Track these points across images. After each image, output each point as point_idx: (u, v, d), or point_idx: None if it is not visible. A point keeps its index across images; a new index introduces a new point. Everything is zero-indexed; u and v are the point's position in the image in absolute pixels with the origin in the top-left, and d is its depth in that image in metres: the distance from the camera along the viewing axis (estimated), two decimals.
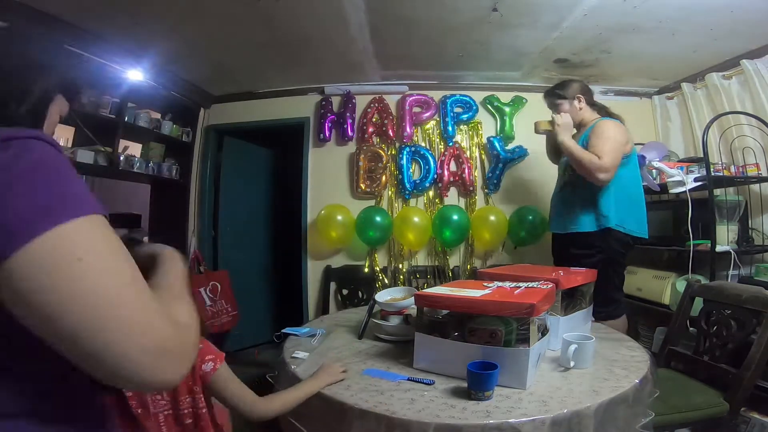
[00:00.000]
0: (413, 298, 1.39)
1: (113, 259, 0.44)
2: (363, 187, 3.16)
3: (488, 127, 3.19)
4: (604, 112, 2.10)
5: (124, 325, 0.42)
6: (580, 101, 2.07)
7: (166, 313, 0.47)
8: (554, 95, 2.12)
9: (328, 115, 3.25)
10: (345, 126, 3.20)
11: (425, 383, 1.17)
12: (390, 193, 3.19)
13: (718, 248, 2.18)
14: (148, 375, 0.43)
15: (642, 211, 2.04)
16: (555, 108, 2.13)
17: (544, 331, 1.37)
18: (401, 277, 3.11)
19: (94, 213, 0.44)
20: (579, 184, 2.00)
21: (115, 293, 0.43)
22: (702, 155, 2.28)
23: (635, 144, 2.94)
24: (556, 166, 3.13)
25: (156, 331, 0.44)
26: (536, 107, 3.16)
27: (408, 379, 1.20)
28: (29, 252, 0.39)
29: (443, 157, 3.11)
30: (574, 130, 2.08)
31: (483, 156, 3.18)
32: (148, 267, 0.60)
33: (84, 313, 0.41)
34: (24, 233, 0.40)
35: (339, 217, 3.02)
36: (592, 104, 2.11)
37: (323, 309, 3.15)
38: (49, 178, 0.43)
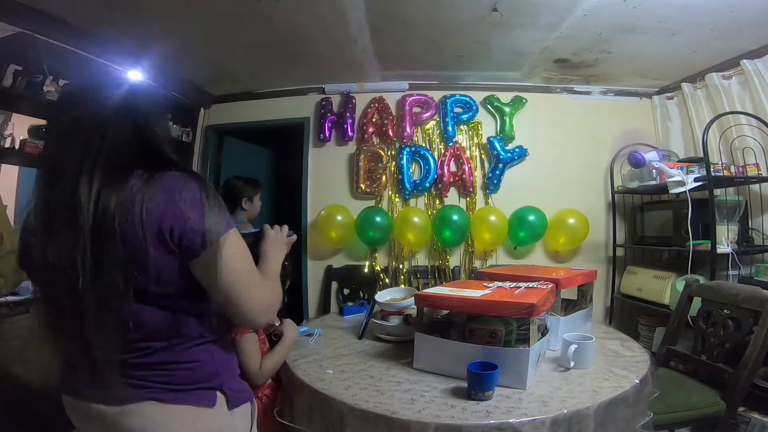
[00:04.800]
0: (413, 298, 1.39)
1: (246, 254, 0.81)
2: (363, 188, 3.16)
3: (488, 127, 3.19)
4: None
5: (250, 290, 0.78)
6: None
7: (269, 285, 0.86)
8: None
9: (328, 115, 3.25)
10: (345, 126, 3.20)
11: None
12: (390, 193, 3.19)
13: (718, 248, 2.18)
14: (258, 318, 0.82)
15: None
16: None
17: (544, 331, 1.38)
18: (402, 277, 3.11)
19: (235, 227, 0.79)
20: None
21: (248, 274, 0.79)
22: (702, 155, 2.28)
23: (635, 144, 2.97)
24: (556, 166, 3.15)
25: (264, 296, 0.82)
26: (536, 107, 3.18)
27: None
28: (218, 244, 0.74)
29: (443, 158, 3.11)
30: None
31: (483, 156, 3.17)
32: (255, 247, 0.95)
33: (234, 282, 0.76)
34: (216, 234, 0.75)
35: (339, 218, 3.02)
36: None
37: (324, 308, 3.15)
38: (221, 204, 0.78)
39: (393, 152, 3.18)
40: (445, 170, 3.10)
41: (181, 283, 0.75)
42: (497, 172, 3.08)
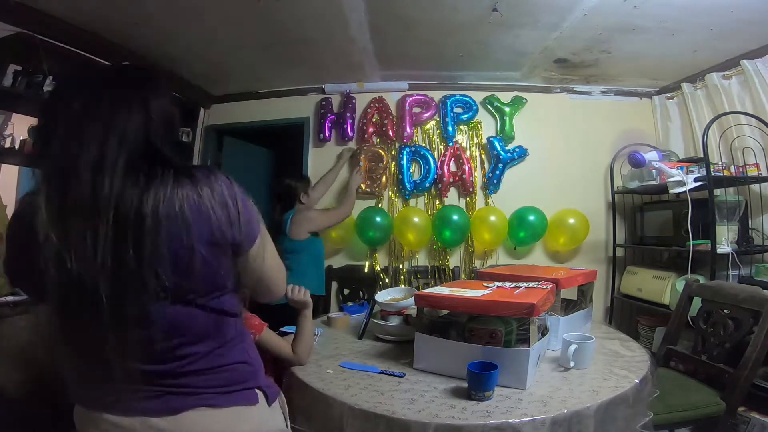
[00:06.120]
0: (413, 298, 1.39)
1: (273, 245, 0.86)
2: (363, 187, 3.16)
3: (488, 127, 3.19)
4: None
5: (279, 274, 0.90)
6: None
7: (283, 269, 0.93)
8: None
9: (328, 115, 3.25)
10: (345, 126, 3.20)
11: (397, 375, 1.21)
12: (390, 193, 3.19)
13: (718, 248, 2.18)
14: (281, 293, 0.93)
15: None
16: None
17: (544, 331, 1.38)
18: (402, 277, 3.11)
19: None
20: None
21: (277, 261, 0.88)
22: (702, 155, 2.28)
23: (635, 144, 2.97)
24: (556, 166, 3.15)
25: (283, 276, 0.92)
26: (536, 107, 3.17)
27: (380, 372, 1.26)
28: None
29: (443, 158, 3.11)
30: None
31: (483, 156, 3.17)
32: None
33: (269, 269, 0.84)
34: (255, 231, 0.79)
35: None
36: None
37: (324, 309, 3.15)
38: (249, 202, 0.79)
39: (393, 152, 3.19)
40: (445, 170, 3.10)
41: (229, 281, 0.76)
42: (497, 172, 3.08)
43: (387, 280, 3.08)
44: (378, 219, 2.98)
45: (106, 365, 0.67)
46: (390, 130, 3.15)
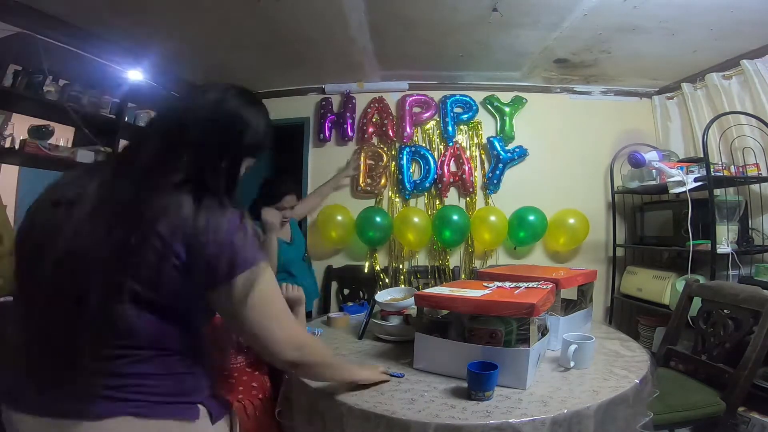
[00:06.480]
0: (413, 298, 1.39)
1: (273, 288, 0.81)
2: (363, 187, 3.16)
3: (488, 127, 3.19)
4: None
5: (278, 332, 0.81)
6: None
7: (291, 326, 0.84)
8: None
9: (328, 115, 3.25)
10: (345, 126, 3.19)
11: (396, 376, 1.21)
12: (390, 193, 3.19)
13: (718, 248, 2.18)
14: (284, 353, 0.81)
15: None
16: None
17: (544, 331, 1.38)
18: (402, 277, 3.11)
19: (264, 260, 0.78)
20: None
21: (275, 313, 0.80)
22: (702, 155, 2.28)
23: (635, 144, 2.97)
24: (556, 167, 3.15)
25: (289, 335, 0.83)
26: (536, 107, 3.17)
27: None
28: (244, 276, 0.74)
29: (443, 158, 3.11)
30: None
31: (483, 156, 3.17)
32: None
33: (259, 318, 0.78)
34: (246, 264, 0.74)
35: (339, 218, 3.02)
36: None
37: (324, 309, 3.15)
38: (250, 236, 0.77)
39: (393, 152, 3.19)
40: (445, 170, 3.10)
41: (187, 298, 0.73)
42: (497, 172, 3.08)
43: (387, 280, 3.08)
44: (378, 219, 2.98)
45: (53, 355, 0.70)
46: (390, 130, 3.15)
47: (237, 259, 0.73)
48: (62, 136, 2.51)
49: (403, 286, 2.98)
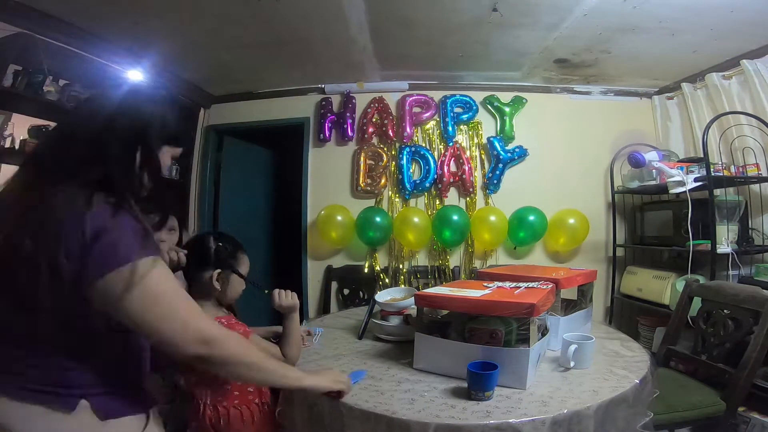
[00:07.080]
0: (413, 298, 1.39)
1: (167, 282, 0.79)
2: (363, 187, 3.16)
3: (488, 127, 3.19)
4: None
5: (166, 323, 0.78)
6: None
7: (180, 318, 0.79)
8: None
9: (328, 115, 3.25)
10: (345, 126, 3.20)
11: (358, 375, 1.22)
12: (390, 193, 3.19)
13: (718, 248, 2.18)
14: (185, 348, 0.78)
15: None
16: None
17: (544, 331, 1.38)
18: (402, 277, 3.11)
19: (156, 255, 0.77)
20: None
21: (161, 309, 0.76)
22: (702, 155, 2.28)
23: (635, 144, 2.97)
24: (556, 166, 3.15)
25: (180, 327, 0.78)
26: (536, 107, 3.18)
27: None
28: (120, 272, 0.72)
29: (443, 158, 3.11)
30: None
31: (483, 156, 3.17)
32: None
33: (142, 313, 0.75)
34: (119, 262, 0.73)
35: (339, 218, 3.02)
36: None
37: (324, 309, 3.15)
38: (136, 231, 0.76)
39: (393, 152, 3.19)
40: (445, 170, 3.10)
41: (62, 298, 0.73)
42: (497, 172, 3.08)
43: (387, 280, 3.08)
44: (378, 219, 2.98)
45: None
46: (390, 130, 3.15)
47: (107, 255, 0.72)
48: None
49: (403, 286, 2.98)
